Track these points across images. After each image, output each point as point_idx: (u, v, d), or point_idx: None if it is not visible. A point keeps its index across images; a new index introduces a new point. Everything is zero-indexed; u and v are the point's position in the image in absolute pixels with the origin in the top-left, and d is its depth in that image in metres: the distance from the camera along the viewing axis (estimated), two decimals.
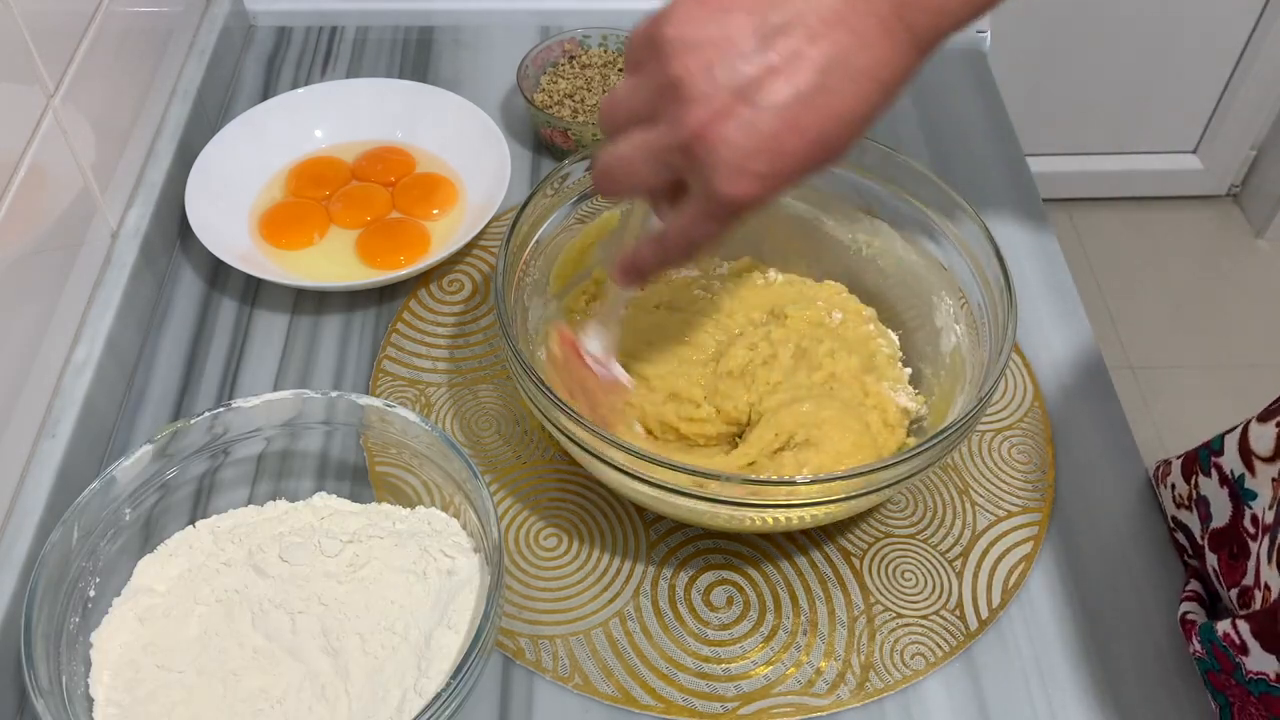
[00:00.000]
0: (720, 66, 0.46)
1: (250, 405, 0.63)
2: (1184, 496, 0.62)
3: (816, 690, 0.59)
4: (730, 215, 0.49)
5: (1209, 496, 0.59)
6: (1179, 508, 0.63)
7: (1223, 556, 0.58)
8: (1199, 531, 0.61)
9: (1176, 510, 0.64)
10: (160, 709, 0.55)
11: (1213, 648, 0.54)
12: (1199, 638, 0.56)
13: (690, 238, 0.52)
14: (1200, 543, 0.61)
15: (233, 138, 0.82)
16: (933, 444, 0.56)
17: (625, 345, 0.67)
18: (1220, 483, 0.58)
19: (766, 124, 0.46)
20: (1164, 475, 0.65)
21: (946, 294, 0.67)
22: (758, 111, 0.46)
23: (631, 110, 0.50)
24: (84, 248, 0.69)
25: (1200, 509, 0.60)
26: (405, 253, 0.77)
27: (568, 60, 0.89)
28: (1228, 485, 0.58)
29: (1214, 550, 0.59)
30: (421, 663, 0.56)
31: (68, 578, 0.57)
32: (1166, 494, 0.65)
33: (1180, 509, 0.63)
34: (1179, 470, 0.63)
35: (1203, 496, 0.60)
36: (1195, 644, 0.56)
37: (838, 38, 0.45)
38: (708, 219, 0.50)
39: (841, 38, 0.45)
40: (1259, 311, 1.94)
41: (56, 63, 0.66)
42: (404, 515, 0.63)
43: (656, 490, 0.56)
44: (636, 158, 0.50)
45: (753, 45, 0.45)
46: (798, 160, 0.47)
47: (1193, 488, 0.61)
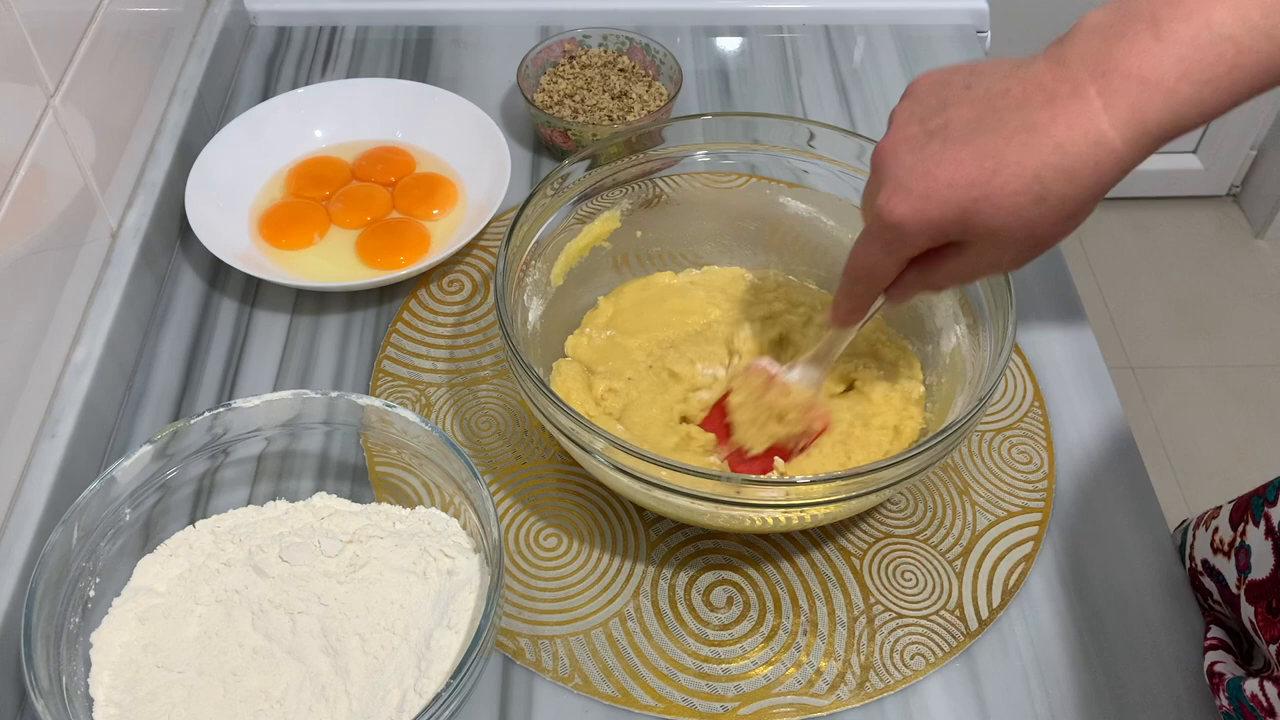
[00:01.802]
0: (919, 113, 0.51)
1: (250, 405, 0.63)
2: (1224, 542, 0.60)
3: (816, 690, 0.59)
4: (889, 237, 0.51)
5: (1252, 547, 0.58)
6: (1215, 552, 0.61)
7: (1261, 609, 0.56)
8: (1234, 580, 0.59)
9: (1212, 555, 0.62)
10: (160, 709, 0.55)
11: (1240, 706, 0.54)
12: (1227, 694, 0.55)
13: (860, 263, 0.55)
14: (1235, 592, 0.59)
15: (233, 138, 0.82)
16: (933, 444, 0.56)
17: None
18: (1266, 534, 0.56)
19: (931, 148, 0.49)
20: (1209, 519, 0.64)
21: (947, 294, 0.67)
22: (930, 138, 0.49)
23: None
24: (84, 248, 0.69)
25: (1240, 558, 0.58)
26: (405, 253, 0.77)
27: (568, 60, 0.89)
28: (1273, 538, 0.56)
29: (1251, 602, 0.57)
30: (421, 663, 0.56)
31: (68, 578, 0.57)
32: (1205, 537, 0.63)
33: (1217, 554, 0.61)
34: (1227, 515, 0.61)
35: (1246, 545, 0.58)
36: (1223, 699, 0.56)
37: (1030, 105, 0.47)
38: (871, 240, 0.53)
39: (1031, 109, 0.47)
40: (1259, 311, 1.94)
41: (56, 63, 0.66)
42: (404, 515, 0.63)
43: (656, 490, 0.56)
44: (858, 250, 0.55)
45: (944, 99, 0.50)
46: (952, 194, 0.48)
47: (1238, 534, 0.59)
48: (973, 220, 0.48)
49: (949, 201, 0.48)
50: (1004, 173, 0.47)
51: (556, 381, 0.69)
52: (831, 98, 0.93)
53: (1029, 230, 0.48)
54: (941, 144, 0.49)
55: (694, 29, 0.99)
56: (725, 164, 0.72)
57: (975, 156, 0.47)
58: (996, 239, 0.49)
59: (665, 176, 0.73)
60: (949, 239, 0.51)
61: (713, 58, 0.96)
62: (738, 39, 0.98)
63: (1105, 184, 0.47)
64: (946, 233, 0.50)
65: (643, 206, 0.73)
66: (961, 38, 0.99)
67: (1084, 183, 0.46)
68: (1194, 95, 0.45)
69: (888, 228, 0.51)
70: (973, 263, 0.52)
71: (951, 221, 0.49)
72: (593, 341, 0.71)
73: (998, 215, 0.48)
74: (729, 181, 0.73)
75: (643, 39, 0.88)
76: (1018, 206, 0.47)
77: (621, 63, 0.88)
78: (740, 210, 0.74)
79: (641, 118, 0.84)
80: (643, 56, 0.88)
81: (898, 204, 0.50)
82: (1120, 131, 0.45)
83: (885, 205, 0.50)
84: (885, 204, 0.50)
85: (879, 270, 0.54)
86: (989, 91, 0.49)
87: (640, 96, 0.86)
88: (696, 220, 0.75)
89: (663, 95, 0.86)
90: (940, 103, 0.50)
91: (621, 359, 0.70)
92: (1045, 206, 0.47)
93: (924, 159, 0.49)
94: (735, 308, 0.73)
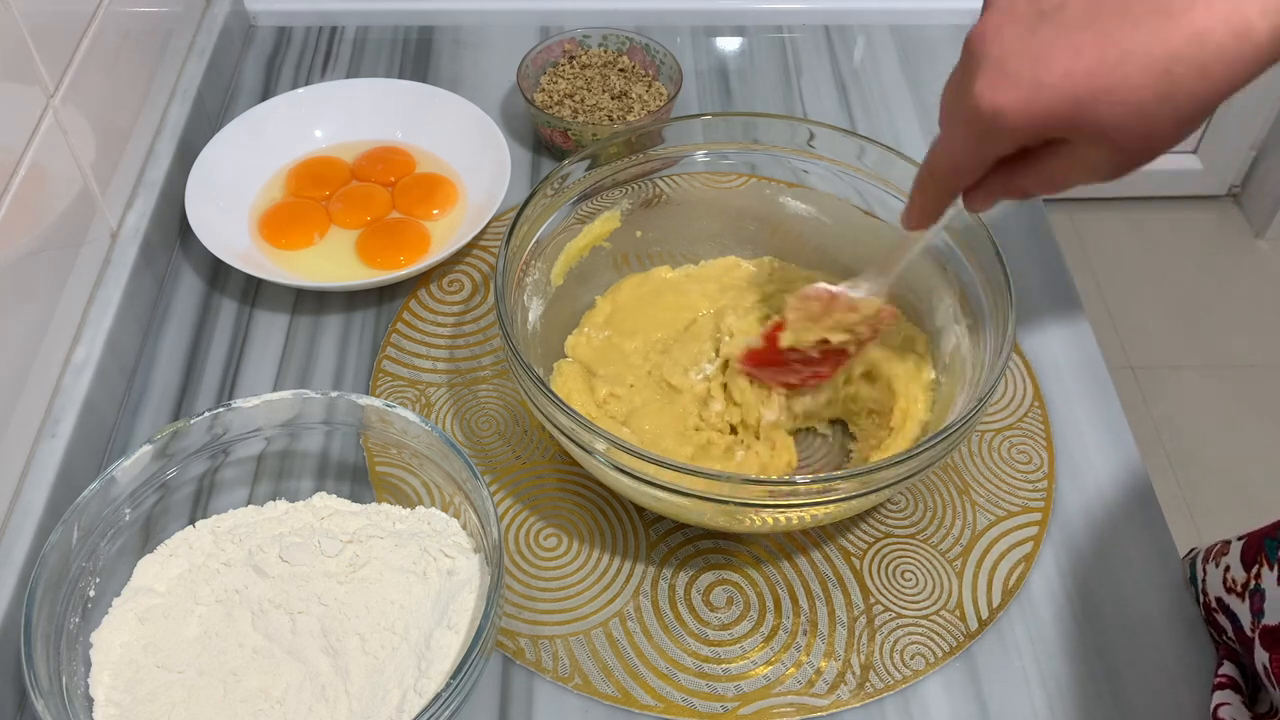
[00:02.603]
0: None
1: (250, 405, 0.63)
2: (1237, 583, 0.58)
3: (816, 690, 0.59)
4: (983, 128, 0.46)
5: (1266, 590, 0.55)
6: (1229, 592, 0.59)
7: (1275, 656, 0.54)
8: (1248, 624, 0.57)
9: (1225, 594, 0.59)
10: (160, 709, 0.55)
11: None
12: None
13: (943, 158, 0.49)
14: (1250, 635, 0.57)
15: (233, 138, 0.82)
16: (933, 444, 0.56)
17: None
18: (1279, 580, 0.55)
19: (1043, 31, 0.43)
20: (1218, 554, 0.61)
21: (946, 294, 0.67)
22: (1041, 19, 0.43)
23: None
24: (84, 248, 0.69)
25: (1254, 601, 0.56)
26: (405, 253, 0.77)
27: (568, 60, 0.89)
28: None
29: (1266, 648, 0.55)
30: (421, 663, 0.56)
31: (68, 578, 0.57)
32: (1216, 574, 0.60)
33: (1230, 594, 0.59)
34: (1238, 553, 0.59)
35: (1260, 589, 0.56)
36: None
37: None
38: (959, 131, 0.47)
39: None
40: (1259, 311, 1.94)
41: (56, 63, 0.66)
42: (404, 515, 0.63)
43: (656, 490, 0.56)
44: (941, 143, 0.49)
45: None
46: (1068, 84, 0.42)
47: (1251, 576, 0.57)
48: (1087, 116, 0.43)
49: (1063, 92, 0.43)
50: (1130, 63, 0.41)
51: (557, 382, 0.69)
52: (831, 98, 0.93)
53: (1146, 130, 0.43)
54: (1056, 27, 0.43)
55: (694, 29, 0.99)
56: (725, 164, 0.72)
57: (1097, 42, 0.42)
58: (1106, 139, 0.44)
59: (665, 176, 0.73)
60: (1051, 136, 0.45)
61: (713, 58, 0.96)
62: (738, 39, 0.98)
63: (1239, 83, 0.42)
64: (1052, 128, 0.45)
65: (643, 206, 0.73)
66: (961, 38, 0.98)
67: (1217, 80, 0.41)
68: None
69: (984, 118, 0.45)
70: (1070, 168, 0.47)
71: (1062, 116, 0.43)
72: (591, 341, 0.71)
73: (1116, 111, 0.42)
74: (729, 181, 0.73)
75: (643, 39, 0.88)
76: (1141, 102, 0.42)
77: (621, 63, 0.88)
78: (740, 210, 0.74)
79: (641, 118, 0.84)
80: (643, 56, 0.88)
81: (1002, 91, 0.44)
82: (1269, 19, 0.40)
83: (985, 92, 0.45)
84: (985, 90, 0.45)
85: (964, 168, 0.49)
86: None
87: (640, 96, 0.86)
88: (696, 220, 0.75)
89: (663, 95, 0.86)
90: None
91: (621, 363, 0.70)
92: (1171, 104, 0.42)
93: (1036, 42, 0.43)
94: (731, 297, 0.73)
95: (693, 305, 0.73)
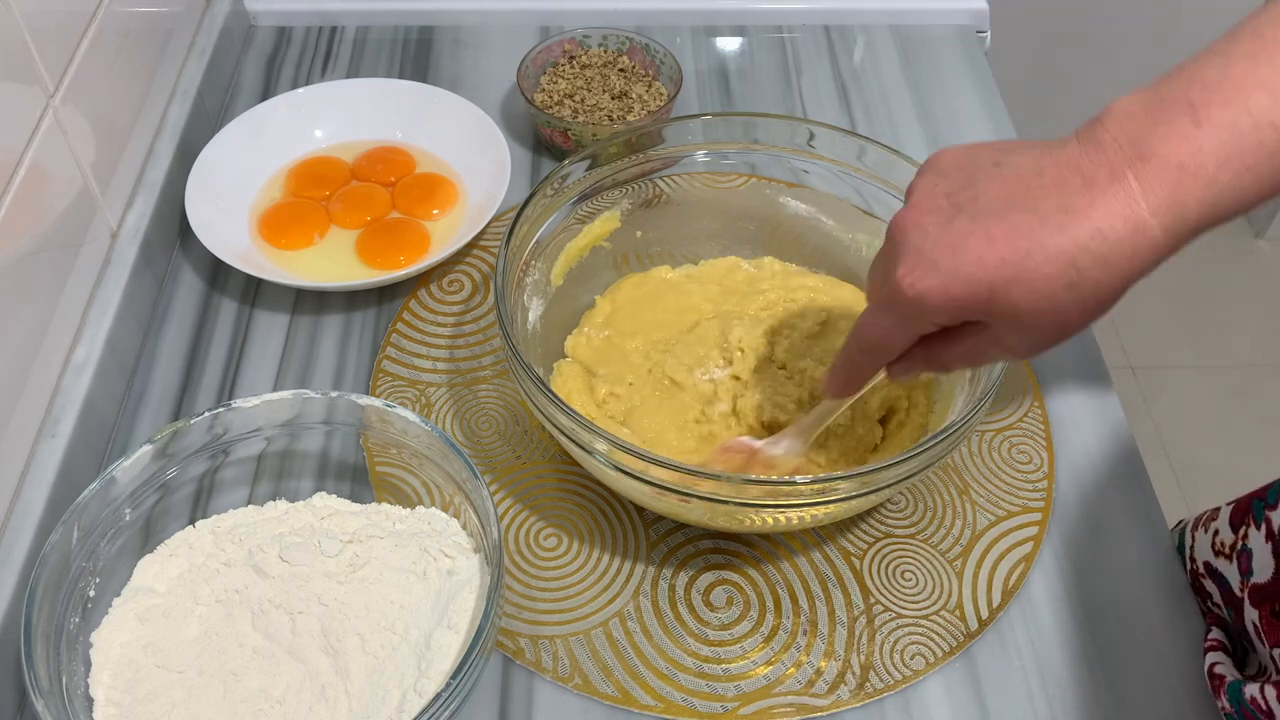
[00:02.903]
0: (944, 186, 0.48)
1: (250, 405, 0.63)
2: (1226, 545, 0.60)
3: (816, 690, 0.59)
4: (906, 311, 0.48)
5: (1253, 550, 0.57)
6: (1217, 555, 0.61)
7: (1264, 613, 0.55)
8: (1237, 584, 0.58)
9: (1214, 558, 0.61)
10: (160, 709, 0.55)
11: (1241, 709, 0.54)
12: (1228, 697, 0.55)
13: (868, 335, 0.52)
14: (1239, 595, 0.58)
15: (233, 138, 0.82)
16: (933, 444, 0.56)
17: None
18: (1267, 538, 0.56)
19: (959, 223, 0.46)
20: (1208, 520, 0.63)
21: None
22: (957, 211, 0.47)
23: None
24: (84, 248, 0.69)
25: (1241, 561, 0.58)
26: (405, 253, 0.77)
27: (568, 60, 0.89)
28: (1273, 541, 0.55)
29: (1255, 605, 0.56)
30: (421, 663, 0.56)
31: (68, 578, 0.57)
32: (1205, 539, 0.62)
33: (1219, 557, 0.60)
34: (1227, 517, 0.60)
35: (1247, 549, 0.57)
36: (1224, 701, 0.55)
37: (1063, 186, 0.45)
38: (883, 312, 0.50)
39: (1068, 192, 0.45)
40: (1259, 311, 1.94)
41: (56, 63, 0.66)
42: (404, 515, 0.63)
43: (657, 490, 0.56)
44: (866, 323, 0.52)
45: (972, 175, 0.47)
46: (981, 272, 0.45)
47: (1239, 538, 0.58)
48: (1000, 301, 0.46)
49: (977, 279, 0.45)
50: (1038, 254, 0.44)
51: (557, 382, 0.69)
52: (831, 98, 0.93)
53: (1056, 316, 0.46)
54: (970, 218, 0.46)
55: (694, 29, 0.99)
56: (725, 164, 0.72)
57: (1008, 234, 0.45)
58: (1019, 323, 0.46)
59: (665, 176, 0.73)
60: (968, 319, 0.48)
61: (713, 58, 0.96)
62: (738, 39, 0.98)
63: (1138, 274, 0.45)
64: (969, 312, 0.47)
65: (643, 206, 0.73)
66: (961, 38, 0.99)
67: (1118, 270, 0.44)
68: (1234, 183, 0.43)
69: (906, 302, 0.48)
70: (987, 346, 0.49)
71: (978, 300, 0.46)
72: (591, 341, 0.71)
73: (1027, 298, 0.45)
74: (729, 181, 0.73)
75: (643, 39, 0.88)
76: (1050, 290, 0.45)
77: (621, 63, 0.88)
78: (740, 210, 0.74)
79: (641, 118, 0.84)
80: (643, 56, 0.88)
81: (920, 278, 0.47)
82: (1160, 219, 0.44)
83: (907, 278, 0.47)
84: (907, 277, 0.47)
85: (887, 345, 0.52)
86: (1021, 170, 0.46)
87: (640, 96, 0.86)
88: (696, 220, 0.75)
89: (663, 95, 0.86)
90: (968, 178, 0.48)
91: (620, 362, 0.70)
92: (1077, 293, 0.45)
93: (952, 232, 0.46)
94: (731, 300, 0.73)
95: (694, 306, 0.73)
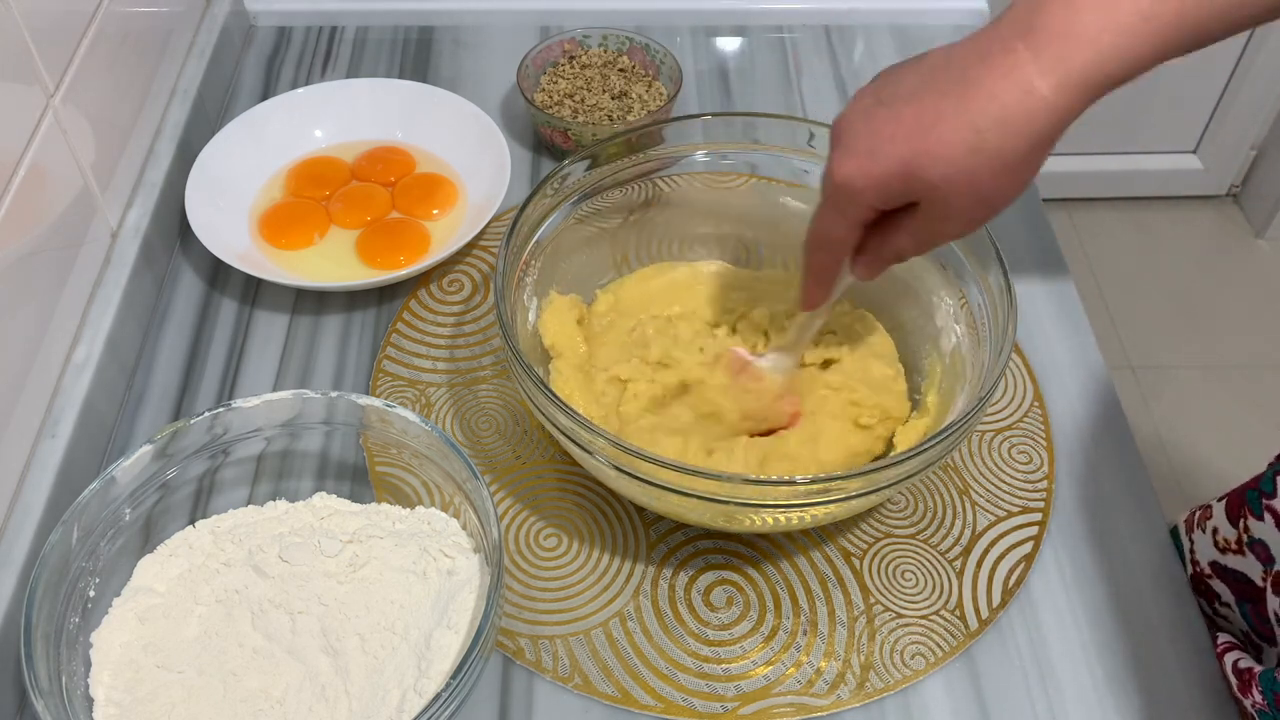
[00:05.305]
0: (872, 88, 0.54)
1: (250, 405, 0.63)
2: (1230, 541, 0.59)
3: (816, 690, 0.59)
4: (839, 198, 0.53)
5: (1267, 540, 0.57)
6: (1224, 552, 0.60)
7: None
8: (1259, 574, 0.58)
9: (1221, 555, 0.60)
10: (160, 709, 0.55)
11: (1275, 698, 0.53)
12: (1260, 688, 0.54)
13: (816, 231, 0.57)
14: (1261, 585, 0.58)
15: (233, 138, 0.82)
16: (933, 444, 0.56)
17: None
18: (1277, 525, 0.56)
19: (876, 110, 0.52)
20: (1202, 519, 0.62)
21: (946, 294, 0.67)
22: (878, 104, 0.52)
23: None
24: (84, 248, 0.69)
25: (1258, 551, 0.58)
26: (405, 253, 0.77)
27: (568, 60, 0.89)
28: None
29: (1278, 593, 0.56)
30: (421, 663, 0.56)
31: (68, 578, 0.57)
32: (1205, 539, 0.61)
33: (1227, 554, 0.60)
34: (1223, 514, 0.60)
35: (1259, 539, 0.57)
36: (1255, 695, 0.55)
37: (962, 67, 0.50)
38: (824, 206, 0.55)
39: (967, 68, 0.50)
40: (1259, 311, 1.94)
41: (56, 63, 0.66)
42: (404, 515, 0.63)
43: (656, 490, 0.56)
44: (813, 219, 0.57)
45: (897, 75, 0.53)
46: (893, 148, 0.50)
47: (1242, 531, 0.58)
48: (915, 174, 0.50)
49: (891, 156, 0.50)
50: (940, 125, 0.49)
51: (557, 382, 0.69)
52: (831, 98, 0.93)
53: (970, 183, 0.50)
54: (887, 107, 0.51)
55: (694, 29, 0.99)
56: (725, 164, 0.72)
57: (916, 113, 0.50)
58: (941, 195, 0.51)
59: (665, 176, 0.73)
60: (898, 198, 0.52)
61: (713, 58, 0.96)
62: (738, 39, 0.98)
63: (1041, 134, 0.49)
64: (891, 188, 0.52)
65: (643, 206, 0.73)
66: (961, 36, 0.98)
67: (1017, 131, 0.49)
68: (1115, 44, 0.48)
69: (836, 188, 0.53)
70: (925, 224, 0.53)
71: (894, 176, 0.51)
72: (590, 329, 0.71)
73: (937, 166, 0.50)
74: (729, 181, 0.73)
75: (643, 39, 0.88)
76: (955, 156, 0.49)
77: (621, 63, 0.88)
78: (740, 210, 0.74)
79: (641, 118, 0.84)
80: (643, 56, 0.88)
81: (843, 164, 0.52)
82: (1047, 80, 0.48)
83: (833, 167, 0.53)
84: (833, 166, 0.53)
85: (834, 235, 0.56)
86: (932, 62, 0.52)
87: (640, 96, 0.86)
88: (697, 220, 0.75)
89: (663, 95, 0.86)
90: (895, 78, 0.53)
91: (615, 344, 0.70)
92: (982, 156, 0.49)
93: (871, 121, 0.52)
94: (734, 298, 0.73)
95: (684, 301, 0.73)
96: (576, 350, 0.69)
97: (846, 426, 0.66)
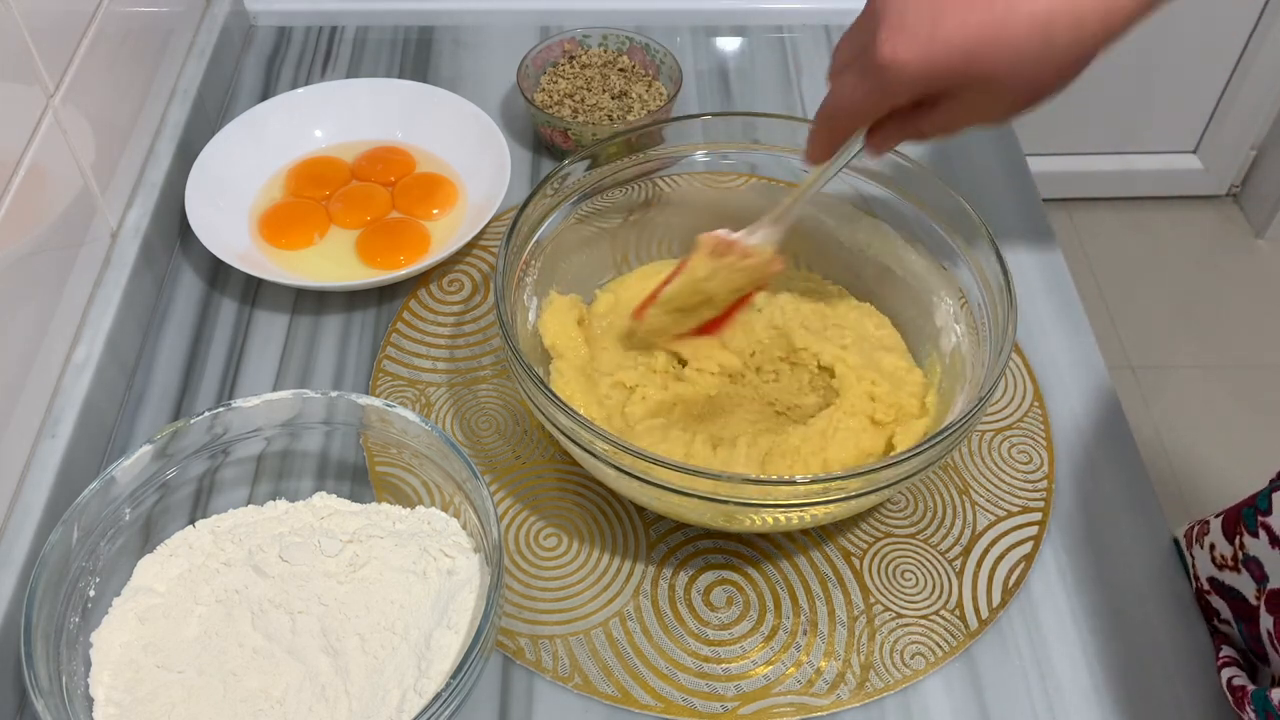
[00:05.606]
0: None
1: (250, 405, 0.63)
2: (1227, 558, 0.59)
3: (816, 690, 0.59)
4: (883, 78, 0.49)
5: (1261, 557, 0.57)
6: (1221, 569, 0.60)
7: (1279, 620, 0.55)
8: (1253, 592, 0.58)
9: (1218, 571, 0.60)
10: (160, 709, 0.55)
11: (1269, 716, 0.53)
12: (1253, 706, 0.54)
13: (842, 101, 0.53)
14: (1254, 604, 0.58)
15: (233, 138, 0.82)
16: (933, 444, 0.56)
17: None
18: (1271, 544, 0.55)
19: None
20: (1200, 534, 0.62)
21: (946, 294, 0.67)
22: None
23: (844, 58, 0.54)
24: (84, 248, 0.69)
25: (1252, 569, 0.57)
26: (405, 253, 0.77)
27: (568, 60, 0.89)
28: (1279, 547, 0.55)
29: (1271, 612, 0.56)
30: (421, 663, 0.56)
31: (68, 578, 0.57)
32: (1203, 555, 0.62)
33: (1224, 570, 0.60)
34: (1219, 530, 0.60)
35: (1253, 557, 0.57)
36: (1249, 713, 0.54)
37: None
38: (859, 79, 0.51)
39: None
40: (1259, 311, 1.94)
41: (56, 63, 0.66)
42: (404, 515, 0.63)
43: (656, 489, 0.56)
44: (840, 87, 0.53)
45: None
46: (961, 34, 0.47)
47: (1237, 548, 0.58)
48: (977, 65, 0.47)
49: (956, 45, 0.47)
50: (1014, 18, 0.46)
51: (557, 382, 0.68)
52: None
53: (1031, 77, 0.48)
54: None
55: (694, 29, 0.99)
56: (725, 164, 0.72)
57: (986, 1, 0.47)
58: (993, 87, 0.48)
59: (665, 176, 0.73)
60: (944, 86, 0.49)
61: (713, 58, 0.96)
62: (738, 39, 0.98)
63: (1110, 35, 0.47)
64: (946, 78, 0.49)
65: (643, 206, 0.73)
66: None
67: (1090, 31, 0.47)
68: None
69: (883, 68, 0.49)
70: (964, 112, 0.51)
71: (954, 66, 0.48)
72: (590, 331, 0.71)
73: (1004, 60, 0.47)
74: (729, 181, 0.73)
75: (643, 39, 0.88)
76: (1024, 51, 0.47)
77: (621, 63, 0.88)
78: (740, 210, 0.74)
79: (641, 118, 0.84)
80: (643, 56, 0.88)
81: (901, 44, 0.48)
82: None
83: (887, 44, 0.48)
84: (887, 43, 0.48)
85: (862, 111, 0.53)
86: None
87: (640, 96, 0.86)
88: (697, 220, 0.74)
89: (663, 95, 0.86)
90: None
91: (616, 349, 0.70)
92: (1051, 54, 0.47)
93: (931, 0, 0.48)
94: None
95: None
96: (577, 351, 0.69)
97: (862, 423, 0.65)
